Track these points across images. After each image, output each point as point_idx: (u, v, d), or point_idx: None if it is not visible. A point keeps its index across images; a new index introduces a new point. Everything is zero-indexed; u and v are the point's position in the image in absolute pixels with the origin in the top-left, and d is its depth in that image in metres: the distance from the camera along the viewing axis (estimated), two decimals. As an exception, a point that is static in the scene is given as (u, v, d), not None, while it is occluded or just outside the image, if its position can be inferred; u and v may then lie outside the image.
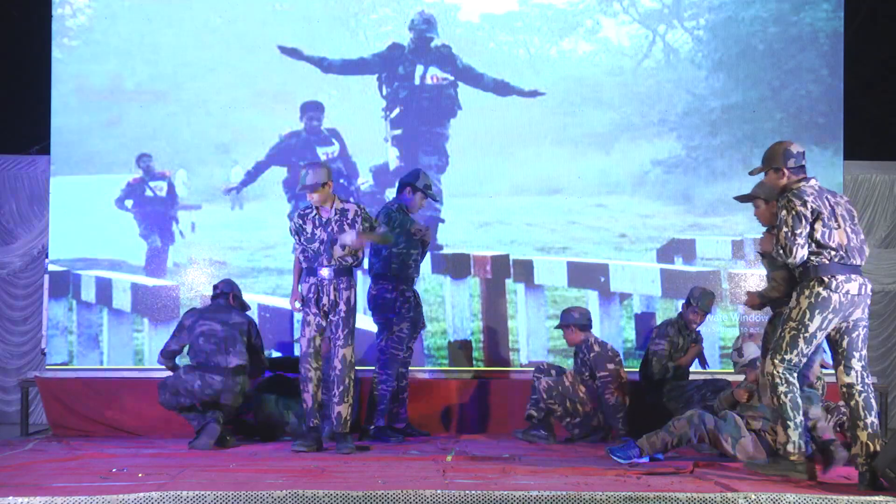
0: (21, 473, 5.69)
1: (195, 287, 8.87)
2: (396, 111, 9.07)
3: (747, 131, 9.10)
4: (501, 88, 9.09)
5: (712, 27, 9.22)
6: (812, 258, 5.53)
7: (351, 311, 6.86)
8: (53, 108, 8.96)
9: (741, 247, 9.04)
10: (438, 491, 4.99)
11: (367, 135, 9.05)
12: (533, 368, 7.95)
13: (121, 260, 8.91)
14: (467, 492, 4.99)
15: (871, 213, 10.14)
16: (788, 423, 5.61)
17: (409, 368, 7.88)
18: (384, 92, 9.08)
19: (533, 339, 8.91)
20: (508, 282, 8.97)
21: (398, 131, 9.06)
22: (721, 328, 8.98)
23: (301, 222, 6.95)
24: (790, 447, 5.61)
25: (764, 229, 6.33)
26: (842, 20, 9.17)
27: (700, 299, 7.90)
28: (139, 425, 8.10)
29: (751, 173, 5.95)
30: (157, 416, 7.84)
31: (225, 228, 8.97)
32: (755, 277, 9.00)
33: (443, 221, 8.94)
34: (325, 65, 9.05)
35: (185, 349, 7.34)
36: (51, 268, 8.92)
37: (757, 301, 6.21)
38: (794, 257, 5.51)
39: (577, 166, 9.07)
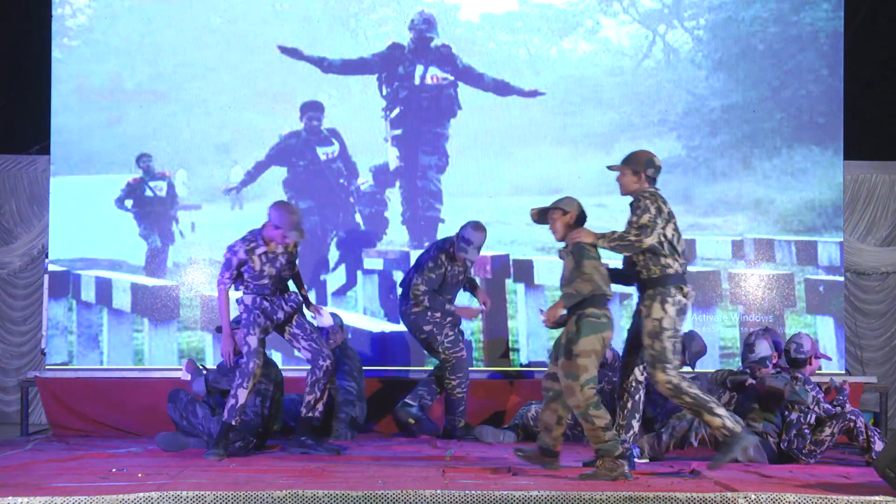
0: (21, 473, 5.68)
1: (195, 287, 8.86)
2: (396, 111, 9.06)
3: (747, 131, 9.10)
4: (501, 88, 9.08)
5: (712, 27, 9.22)
6: (671, 265, 5.72)
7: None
8: (53, 108, 8.95)
9: (741, 247, 9.04)
10: (438, 491, 4.99)
11: (367, 135, 9.04)
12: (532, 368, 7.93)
13: (121, 260, 8.90)
14: (467, 492, 4.99)
15: (871, 213, 10.12)
16: (710, 405, 5.65)
17: (416, 369, 7.91)
18: (384, 92, 9.07)
19: (533, 339, 8.91)
20: (508, 282, 8.96)
21: (398, 131, 9.06)
22: (721, 328, 8.97)
23: (247, 258, 6.55)
24: (728, 423, 5.62)
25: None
26: (842, 20, 9.17)
27: (692, 356, 7.41)
28: (139, 425, 8.09)
29: (609, 168, 6.04)
30: (157, 416, 7.79)
31: (225, 228, 8.91)
32: (755, 277, 9.00)
33: (443, 221, 8.93)
34: (325, 65, 9.04)
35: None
36: (51, 268, 8.91)
37: (561, 310, 5.79)
38: (651, 239, 5.68)
39: (577, 166, 9.07)
